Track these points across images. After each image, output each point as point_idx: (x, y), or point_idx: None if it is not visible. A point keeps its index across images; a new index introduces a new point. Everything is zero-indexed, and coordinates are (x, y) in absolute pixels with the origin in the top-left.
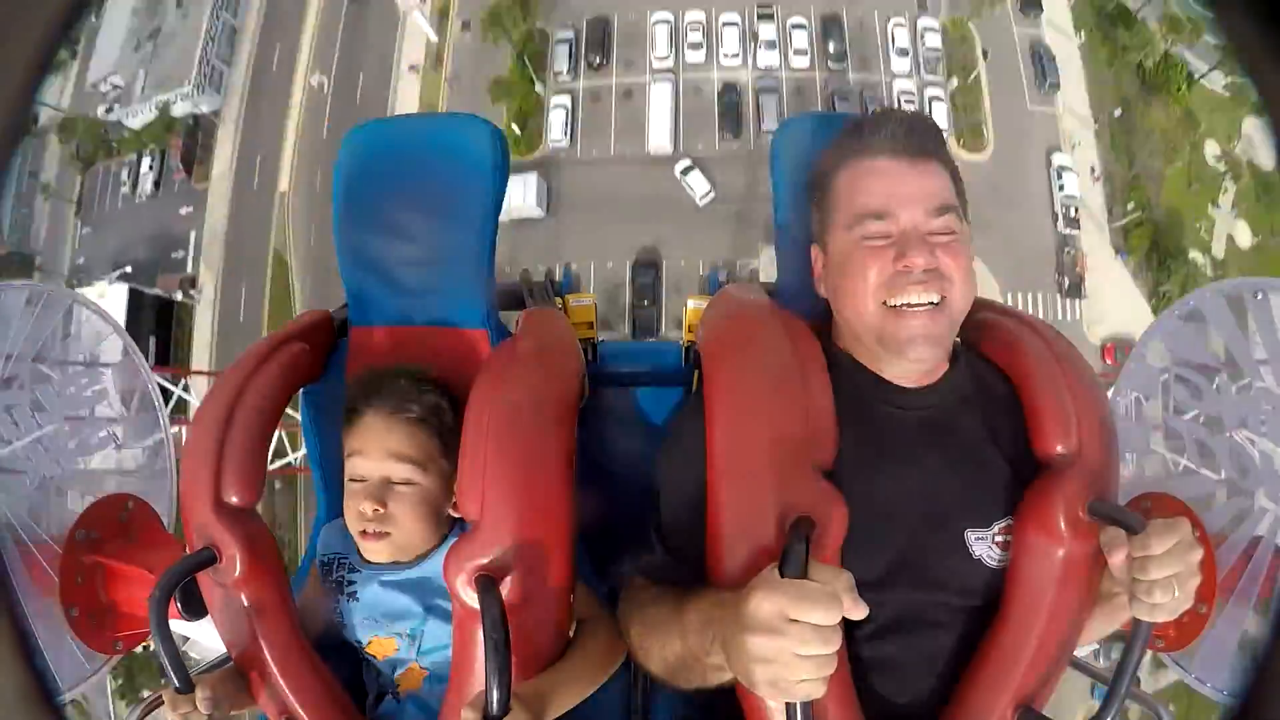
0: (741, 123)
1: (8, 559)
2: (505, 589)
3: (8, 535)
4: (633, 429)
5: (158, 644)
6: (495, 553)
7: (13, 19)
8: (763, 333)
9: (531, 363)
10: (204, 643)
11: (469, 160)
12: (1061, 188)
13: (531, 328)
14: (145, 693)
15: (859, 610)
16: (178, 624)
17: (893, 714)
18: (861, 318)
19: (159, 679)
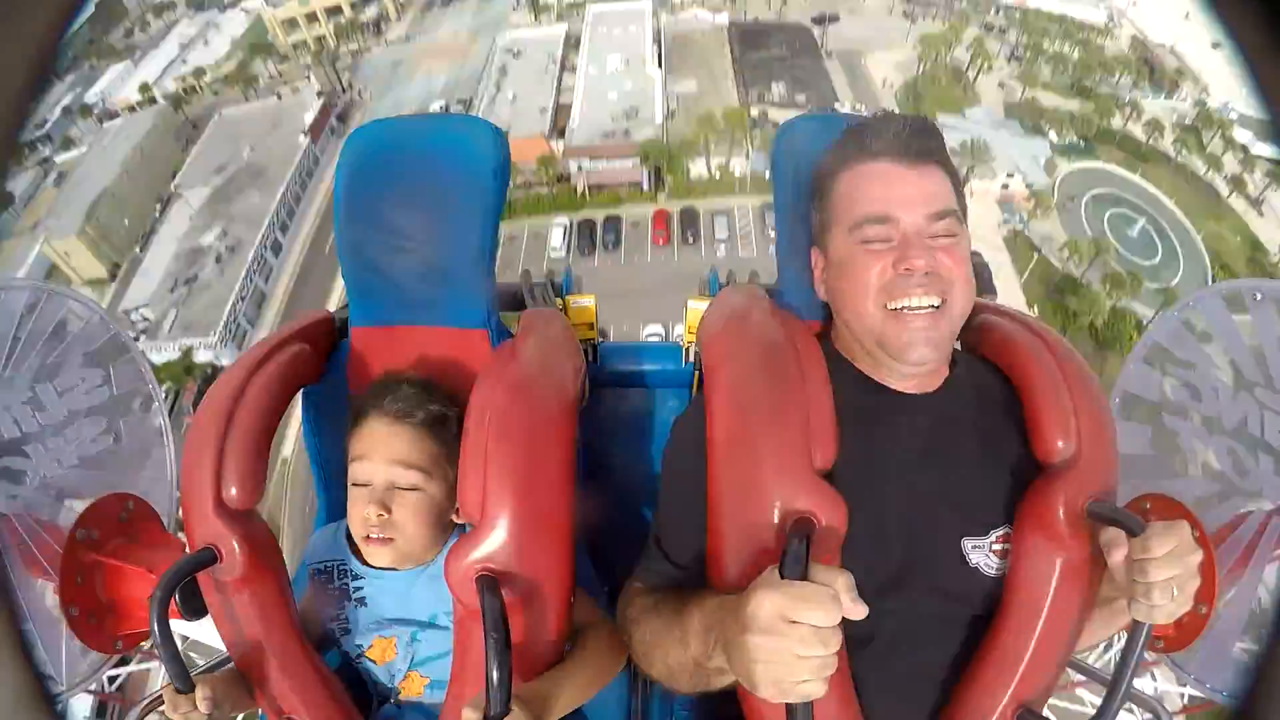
0: None
1: (8, 559)
2: (505, 589)
3: (8, 534)
4: (633, 430)
5: (158, 644)
6: (496, 553)
7: (13, 19)
8: (763, 334)
9: (532, 363)
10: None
11: (470, 161)
12: None
13: (532, 328)
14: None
15: (858, 610)
16: (178, 624)
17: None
18: (862, 320)
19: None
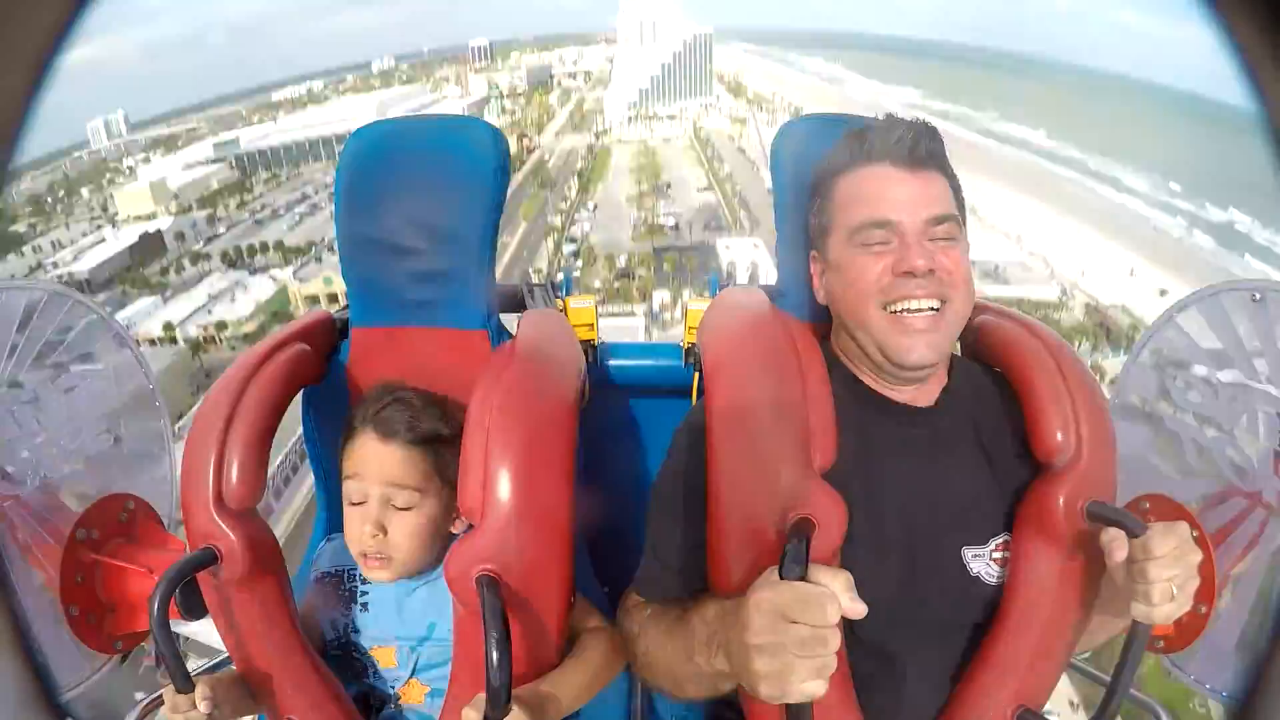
0: None
1: (8, 559)
2: (505, 589)
3: (8, 534)
4: (633, 430)
5: (158, 644)
6: (496, 553)
7: (13, 18)
8: (763, 334)
9: (532, 364)
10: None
11: (471, 161)
12: None
13: (532, 329)
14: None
15: (857, 609)
16: (178, 624)
17: None
18: (862, 323)
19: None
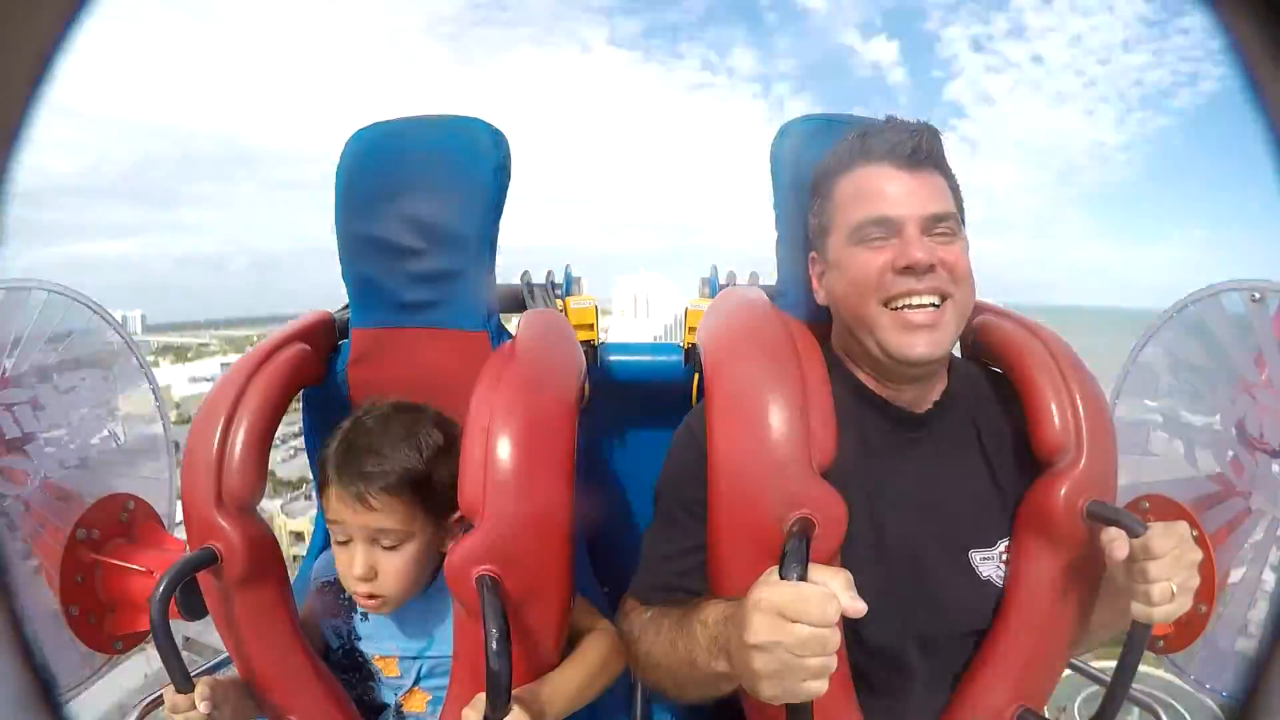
0: None
1: (8, 559)
2: (505, 589)
3: (8, 534)
4: (633, 430)
5: (158, 644)
6: (496, 553)
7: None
8: (762, 334)
9: (532, 364)
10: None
11: (470, 161)
12: None
13: (532, 329)
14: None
15: (857, 608)
16: (178, 624)
17: None
18: (863, 320)
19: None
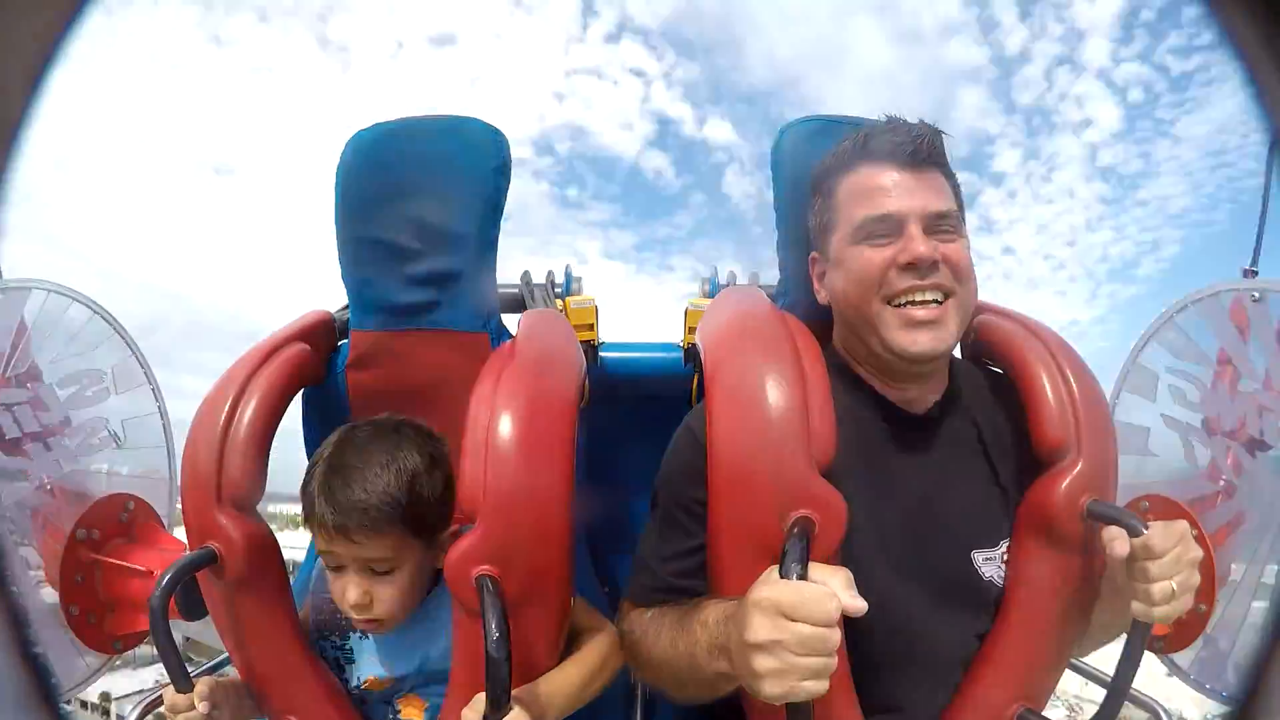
0: None
1: (8, 559)
2: (505, 589)
3: (8, 534)
4: (633, 430)
5: (158, 644)
6: (496, 553)
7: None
8: (762, 333)
9: (531, 364)
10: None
11: (470, 161)
12: None
13: (532, 329)
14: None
15: (858, 606)
16: (178, 624)
17: None
18: (865, 318)
19: None
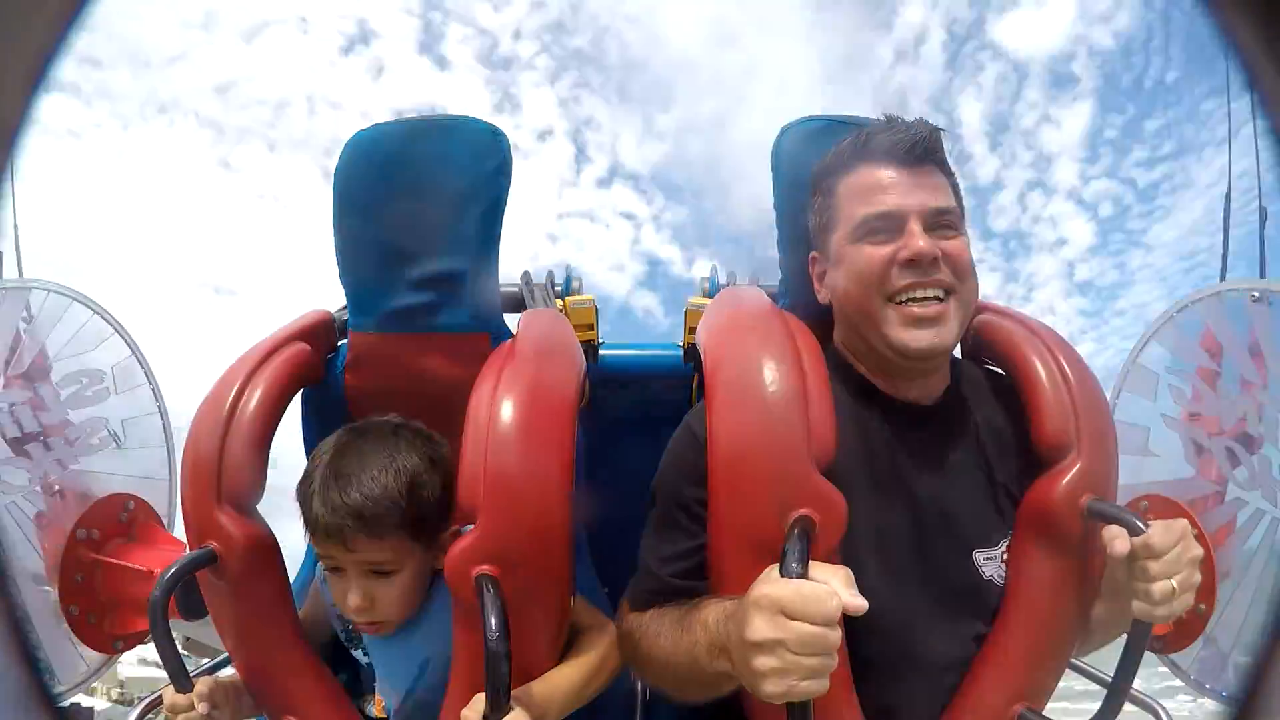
0: None
1: (8, 558)
2: (505, 589)
3: (8, 533)
4: (633, 430)
5: (158, 644)
6: (496, 553)
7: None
8: (762, 332)
9: (531, 362)
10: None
11: (470, 161)
12: None
13: (532, 329)
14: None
15: (858, 605)
16: (178, 623)
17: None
18: (867, 316)
19: None
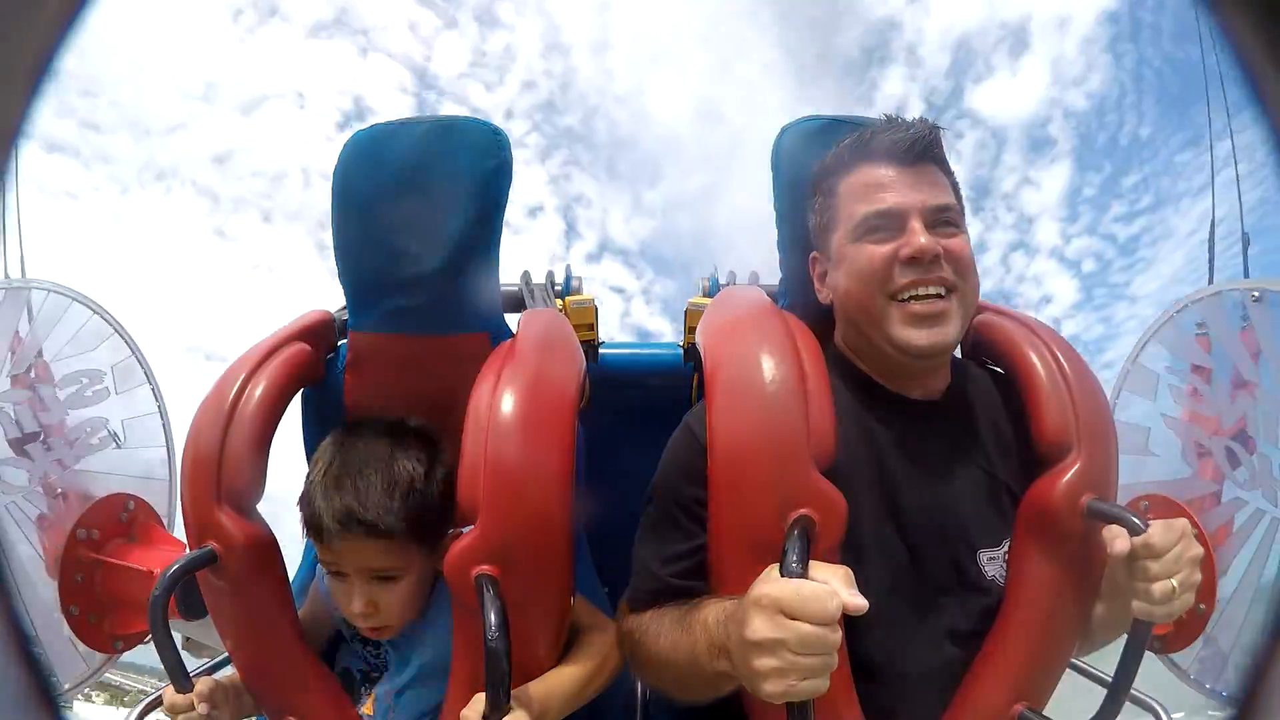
0: None
1: (8, 558)
2: (505, 589)
3: (8, 533)
4: (633, 430)
5: (157, 644)
6: (495, 553)
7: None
8: (762, 332)
9: (531, 361)
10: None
11: (470, 161)
12: None
13: (532, 329)
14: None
15: (858, 604)
16: (178, 623)
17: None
18: (869, 314)
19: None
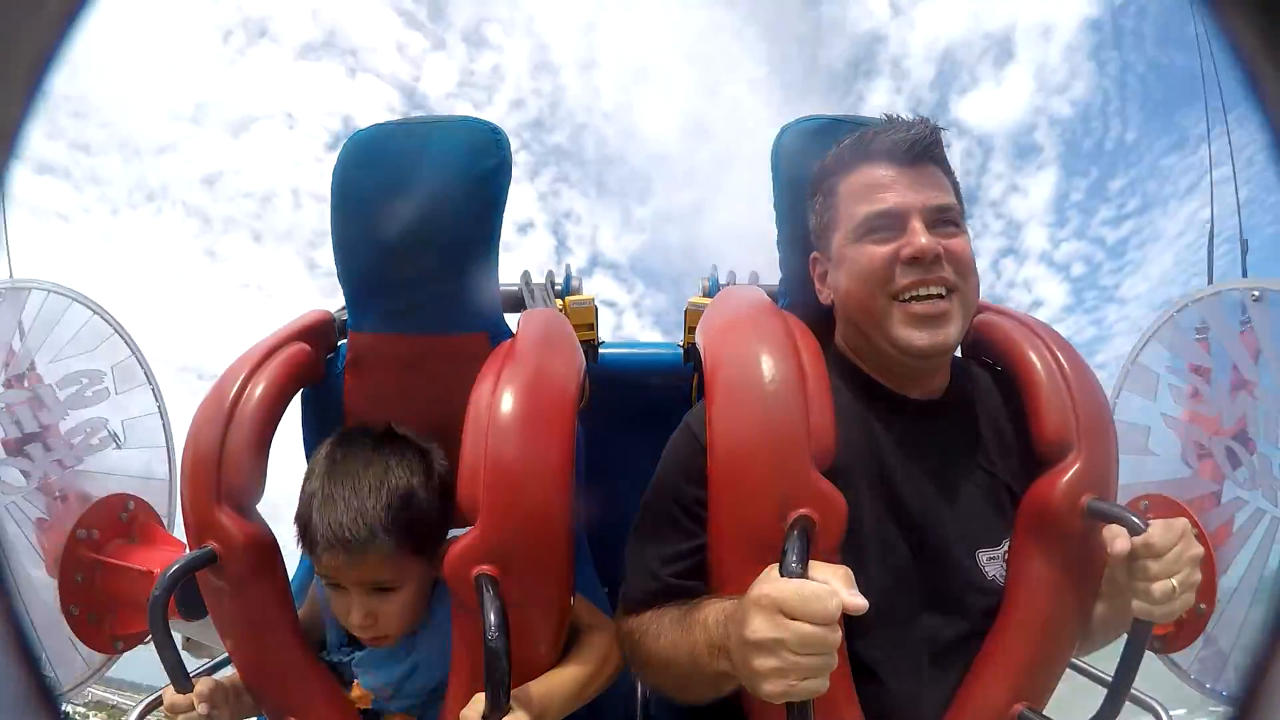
0: None
1: (8, 558)
2: (505, 589)
3: (8, 533)
4: (633, 430)
5: (157, 644)
6: (495, 552)
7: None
8: (762, 332)
9: (531, 360)
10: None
11: (470, 160)
12: None
13: (532, 329)
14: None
15: (858, 604)
16: (178, 624)
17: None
18: (869, 314)
19: None
